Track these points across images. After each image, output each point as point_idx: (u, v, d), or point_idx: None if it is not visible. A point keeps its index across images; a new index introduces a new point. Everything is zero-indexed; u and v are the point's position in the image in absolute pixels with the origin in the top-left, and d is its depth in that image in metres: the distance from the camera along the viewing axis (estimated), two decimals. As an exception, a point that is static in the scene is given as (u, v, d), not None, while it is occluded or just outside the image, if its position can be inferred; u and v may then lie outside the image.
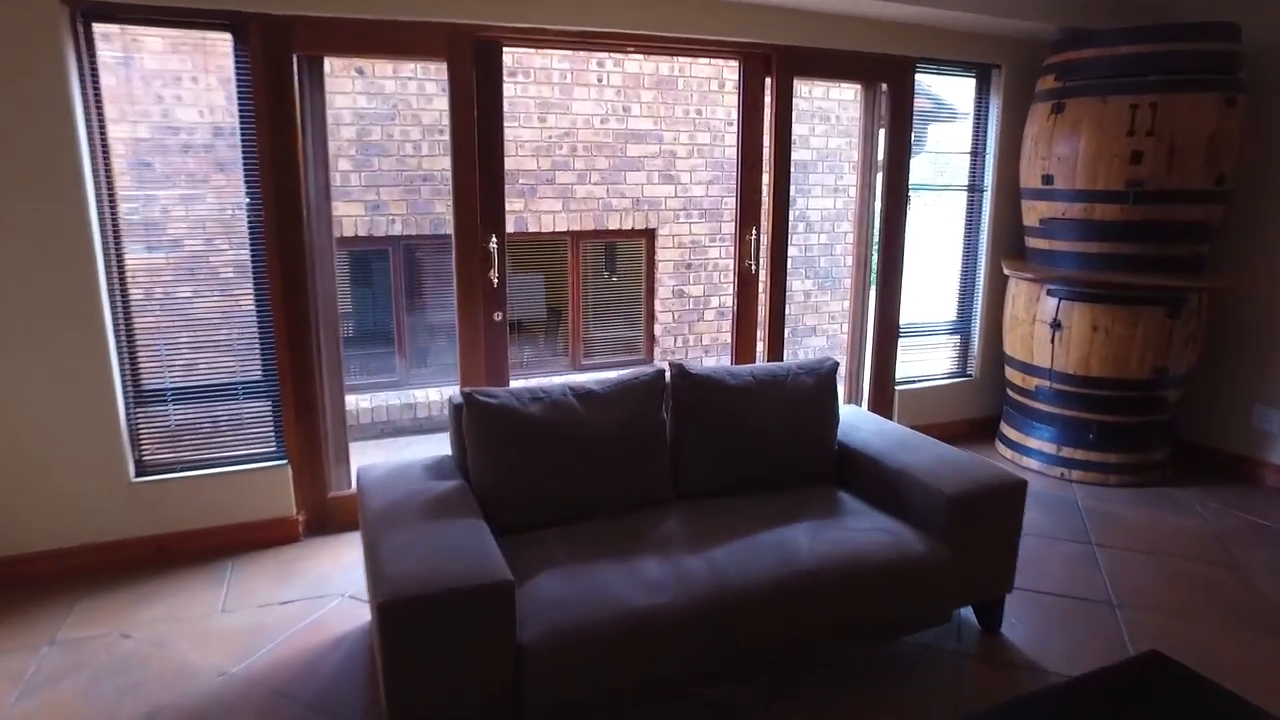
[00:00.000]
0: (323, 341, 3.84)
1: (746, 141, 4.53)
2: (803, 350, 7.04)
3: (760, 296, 4.83)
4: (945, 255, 5.74)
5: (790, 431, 3.21)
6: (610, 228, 6.11)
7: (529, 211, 5.86)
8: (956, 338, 5.60)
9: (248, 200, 3.57)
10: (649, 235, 6.36)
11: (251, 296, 3.69)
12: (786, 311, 5.05)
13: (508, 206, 5.88)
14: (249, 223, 3.60)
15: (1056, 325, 4.55)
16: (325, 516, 3.95)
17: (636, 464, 2.99)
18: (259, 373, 3.78)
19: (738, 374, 3.23)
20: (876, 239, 5.13)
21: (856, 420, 3.52)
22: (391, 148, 5.43)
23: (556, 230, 5.96)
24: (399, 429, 5.65)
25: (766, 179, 4.65)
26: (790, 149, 4.66)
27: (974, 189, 5.35)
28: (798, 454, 3.23)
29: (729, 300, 6.67)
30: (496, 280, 3.97)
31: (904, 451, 3.14)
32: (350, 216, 5.39)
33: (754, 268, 4.74)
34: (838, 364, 3.42)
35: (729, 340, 6.71)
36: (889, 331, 5.27)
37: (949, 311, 5.58)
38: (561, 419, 2.89)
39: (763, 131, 4.54)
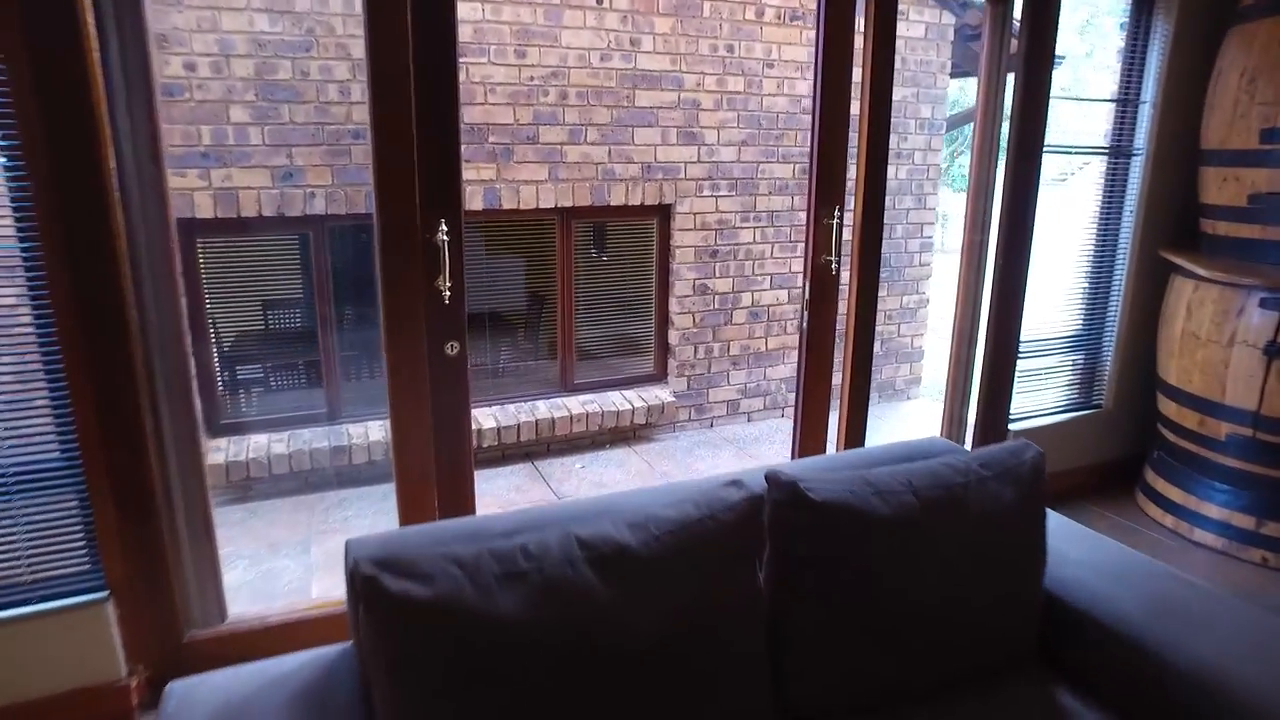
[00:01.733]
0: (163, 389, 2.33)
1: (829, 86, 3.03)
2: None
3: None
4: (1063, 243, 4.26)
5: (974, 589, 1.76)
6: (613, 203, 4.59)
7: (503, 181, 4.32)
8: (1079, 355, 4.16)
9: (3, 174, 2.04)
10: (663, 213, 4.85)
11: (31, 330, 2.17)
12: (878, 331, 3.54)
13: (472, 174, 4.47)
14: (14, 209, 2.07)
15: (1275, 351, 3.11)
16: (181, 669, 2.45)
17: (710, 685, 1.52)
18: (53, 451, 2.27)
19: (884, 486, 1.76)
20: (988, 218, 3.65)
21: (1053, 539, 2.06)
22: (307, 91, 3.86)
23: (541, 207, 4.43)
24: (327, 479, 4.14)
25: (855, 141, 3.17)
26: (890, 97, 3.17)
27: (1118, 153, 3.88)
28: (986, 627, 1.79)
29: (766, 297, 5.18)
30: (449, 292, 2.47)
31: (1180, 624, 1.72)
32: (249, 189, 3.82)
33: (834, 266, 3.25)
34: (1042, 455, 1.96)
35: (762, 347, 5.35)
36: (1006, 349, 3.82)
37: (1069, 320, 4.13)
38: (565, 617, 1.41)
39: (850, 72, 3.03)
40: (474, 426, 4.49)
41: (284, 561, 3.50)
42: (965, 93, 12.14)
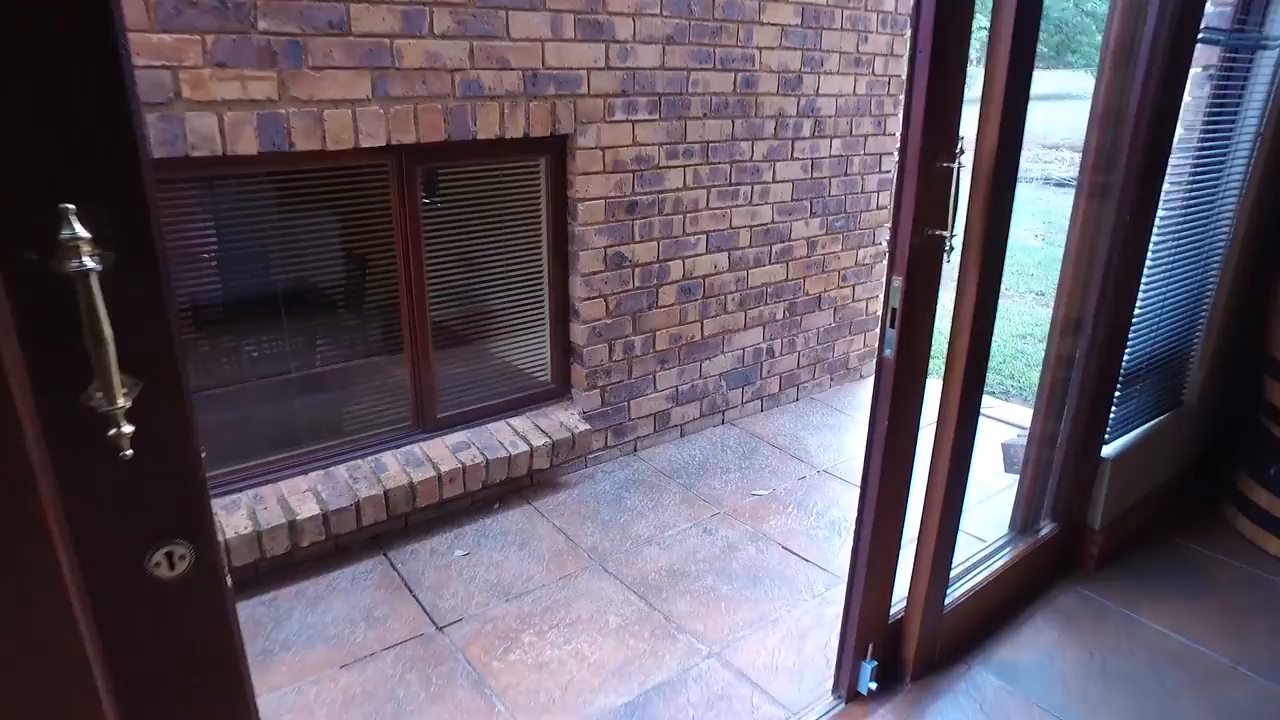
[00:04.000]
0: None
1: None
2: (813, 346, 4.22)
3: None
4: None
5: None
6: (479, 135, 2.85)
7: (292, 103, 2.47)
8: (1168, 339, 2.99)
9: None
10: (556, 149, 3.16)
11: None
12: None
13: (231, 90, 2.36)
14: None
15: None
16: None
17: None
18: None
19: None
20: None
21: None
22: None
23: (361, 146, 2.62)
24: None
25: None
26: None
27: (1242, 44, 2.64)
28: None
29: (701, 265, 3.68)
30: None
31: None
32: None
33: (948, 244, 1.78)
34: None
35: (697, 333, 3.71)
36: (1117, 345, 2.57)
37: (1152, 293, 2.93)
38: None
39: None
40: (280, 515, 2.73)
41: None
42: None
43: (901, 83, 4.15)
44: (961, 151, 1.73)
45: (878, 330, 4.62)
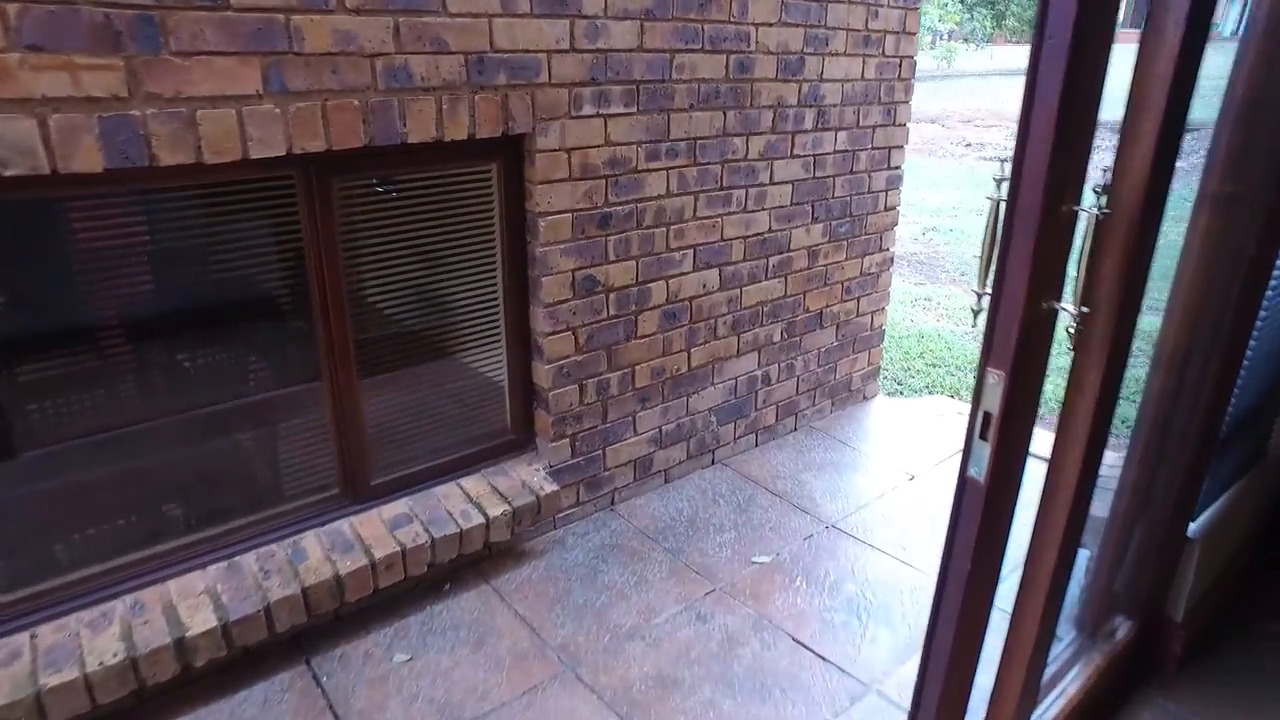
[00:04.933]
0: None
1: None
2: (813, 369, 3.66)
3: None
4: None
5: None
6: (411, 138, 2.23)
7: (149, 101, 1.83)
8: (1246, 378, 2.48)
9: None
10: (511, 152, 2.55)
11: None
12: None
13: (60, 86, 1.87)
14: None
15: None
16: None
17: None
18: None
19: None
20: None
21: None
22: None
23: (252, 156, 1.98)
24: None
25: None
26: None
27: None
28: None
29: (688, 285, 3.11)
30: None
31: None
32: None
33: (1075, 321, 1.21)
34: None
35: (683, 365, 3.03)
36: (1223, 395, 2.05)
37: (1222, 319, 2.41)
38: None
39: None
40: (165, 632, 2.13)
41: None
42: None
43: (914, 64, 3.58)
44: (1105, 190, 1.17)
45: (881, 346, 4.10)
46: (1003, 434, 1.25)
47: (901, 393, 4.73)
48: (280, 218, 2.24)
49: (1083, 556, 2.15)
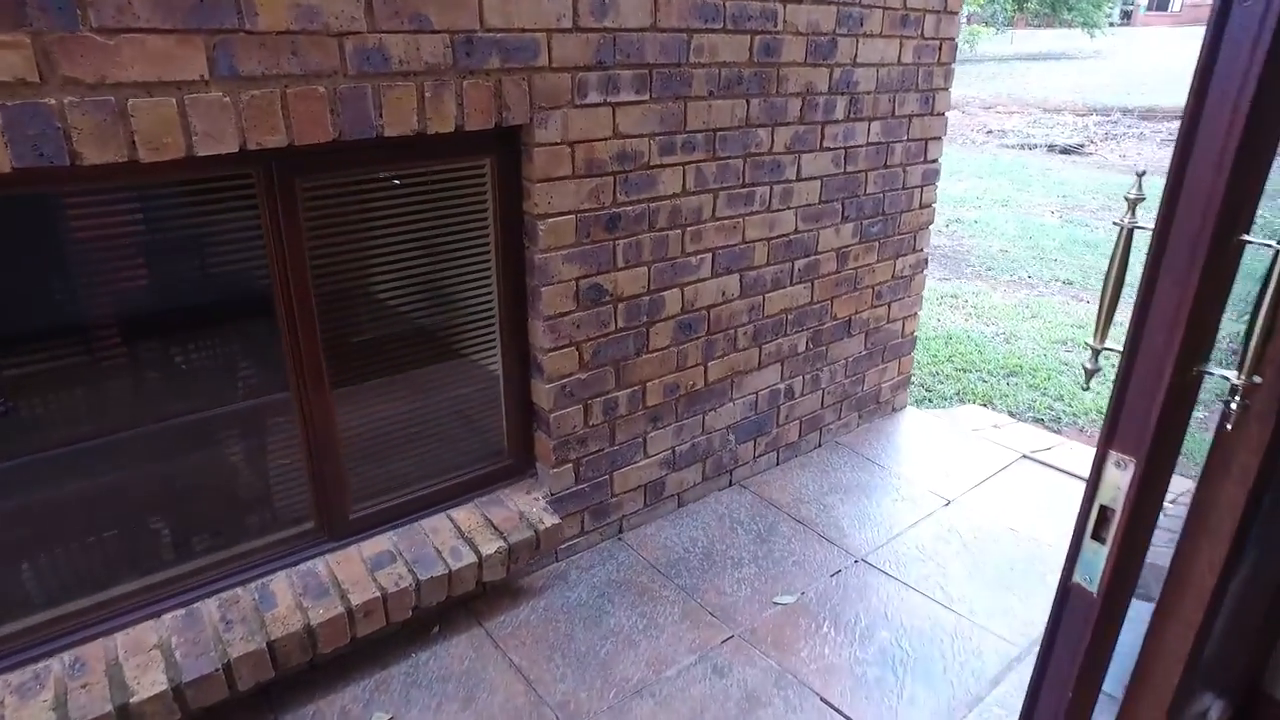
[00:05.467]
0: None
1: None
2: (839, 381, 3.36)
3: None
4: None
5: None
6: (388, 130, 1.92)
7: (70, 86, 1.54)
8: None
9: None
10: (505, 145, 2.24)
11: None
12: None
13: None
14: None
15: None
16: None
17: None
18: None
19: None
20: None
21: None
22: None
23: (198, 153, 1.68)
24: None
25: None
26: None
27: None
28: None
29: (705, 292, 2.81)
30: None
31: None
32: None
33: (1237, 400, 0.88)
34: None
35: (699, 380, 2.75)
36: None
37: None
38: None
39: None
40: (105, 698, 1.86)
41: None
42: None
43: (955, 48, 3.25)
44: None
45: (913, 354, 3.79)
46: (1127, 536, 0.95)
47: (931, 401, 4.41)
48: (238, 220, 1.94)
49: (1145, 611, 1.85)
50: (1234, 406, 0.91)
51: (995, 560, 2.75)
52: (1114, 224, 0.93)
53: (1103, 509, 0.96)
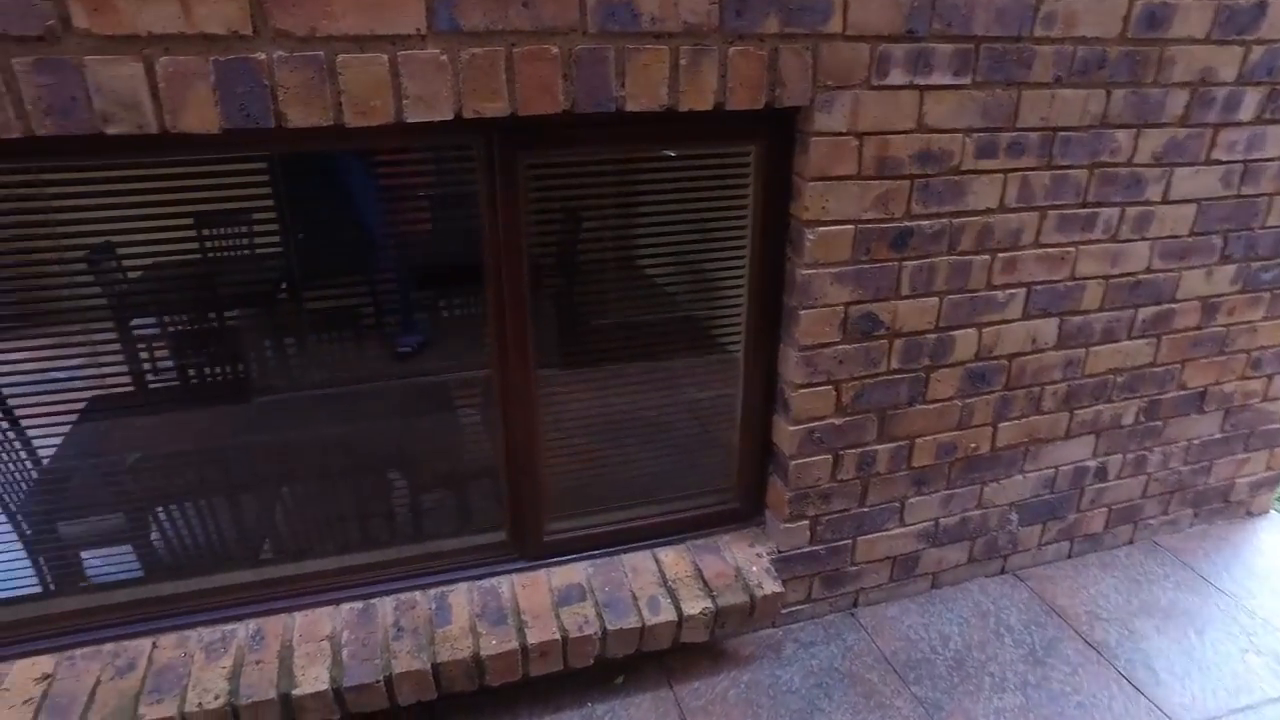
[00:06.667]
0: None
1: None
2: (1174, 466, 2.57)
3: None
4: None
5: None
6: (630, 105, 1.57)
7: (279, 40, 1.36)
8: None
9: None
10: (775, 131, 1.81)
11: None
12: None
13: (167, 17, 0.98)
14: None
15: None
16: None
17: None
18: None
19: None
20: None
21: None
22: None
23: (407, 119, 1.45)
24: None
25: None
26: None
27: None
28: None
29: (1010, 336, 2.18)
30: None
31: None
32: None
33: None
34: None
35: (985, 442, 2.10)
36: None
37: None
38: None
39: None
40: (272, 683, 1.77)
41: None
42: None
43: None
44: None
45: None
46: None
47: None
48: (450, 210, 1.72)
49: None
50: None
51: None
52: None
53: None
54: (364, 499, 2.24)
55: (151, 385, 2.73)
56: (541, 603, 2.02)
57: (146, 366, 2.90)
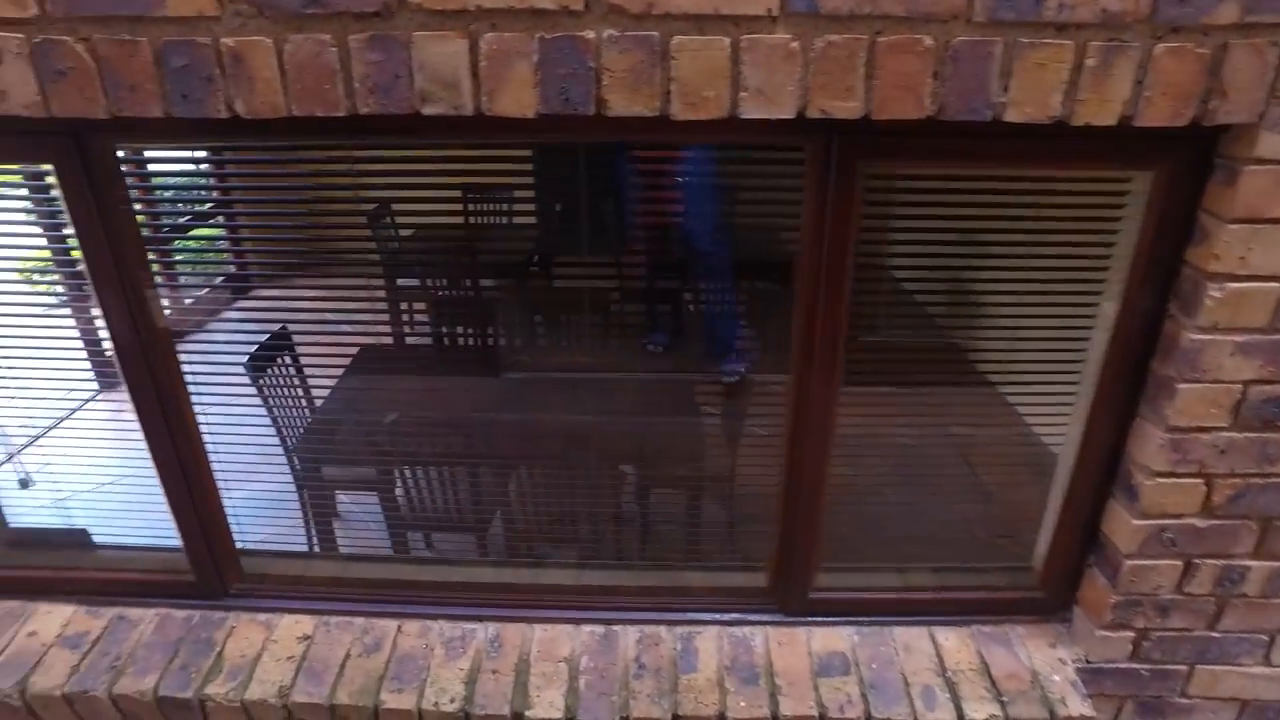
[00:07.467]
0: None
1: None
2: None
3: None
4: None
5: None
6: (1008, 117, 1.25)
7: (612, 17, 1.19)
8: None
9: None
10: (1188, 157, 1.40)
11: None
12: None
13: None
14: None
15: None
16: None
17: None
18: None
19: None
20: None
21: None
22: None
23: (742, 115, 1.24)
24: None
25: None
26: None
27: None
28: None
29: None
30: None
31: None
32: None
33: None
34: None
35: None
36: None
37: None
38: None
39: None
40: (506, 696, 1.70)
41: None
42: None
43: None
44: None
45: None
46: None
47: None
48: (770, 195, 1.50)
49: None
50: None
51: None
52: None
53: None
54: (613, 508, 2.12)
55: (409, 343, 2.80)
56: (799, 667, 1.78)
57: (405, 321, 3.00)
